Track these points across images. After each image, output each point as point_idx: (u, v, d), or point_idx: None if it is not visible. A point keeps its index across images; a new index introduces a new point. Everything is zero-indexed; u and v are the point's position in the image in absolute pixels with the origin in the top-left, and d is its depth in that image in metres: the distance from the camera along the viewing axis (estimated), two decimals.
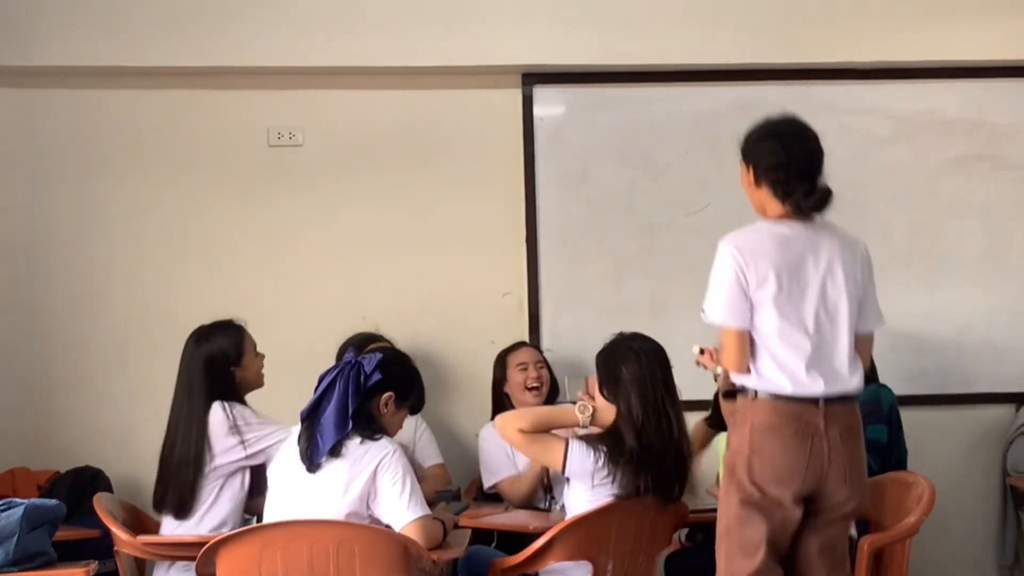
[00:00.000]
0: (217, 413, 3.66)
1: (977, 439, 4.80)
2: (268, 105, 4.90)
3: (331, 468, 3.18)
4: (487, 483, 4.37)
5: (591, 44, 4.78)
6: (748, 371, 3.08)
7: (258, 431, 3.67)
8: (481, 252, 4.89)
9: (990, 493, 4.79)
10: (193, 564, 3.17)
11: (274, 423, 3.70)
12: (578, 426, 3.50)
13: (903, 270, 4.82)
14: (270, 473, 3.34)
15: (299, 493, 3.21)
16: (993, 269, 4.88)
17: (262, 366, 3.86)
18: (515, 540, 3.72)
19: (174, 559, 3.58)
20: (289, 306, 4.83)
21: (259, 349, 3.87)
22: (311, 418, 3.24)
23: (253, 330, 3.85)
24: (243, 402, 3.76)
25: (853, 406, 3.11)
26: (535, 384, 4.42)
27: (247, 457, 3.66)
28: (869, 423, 3.51)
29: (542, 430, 3.48)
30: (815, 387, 3.04)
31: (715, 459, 4.12)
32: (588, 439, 3.45)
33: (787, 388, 3.04)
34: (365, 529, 3.13)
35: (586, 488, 3.42)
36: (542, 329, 4.85)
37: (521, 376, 4.44)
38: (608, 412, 3.50)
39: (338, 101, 4.91)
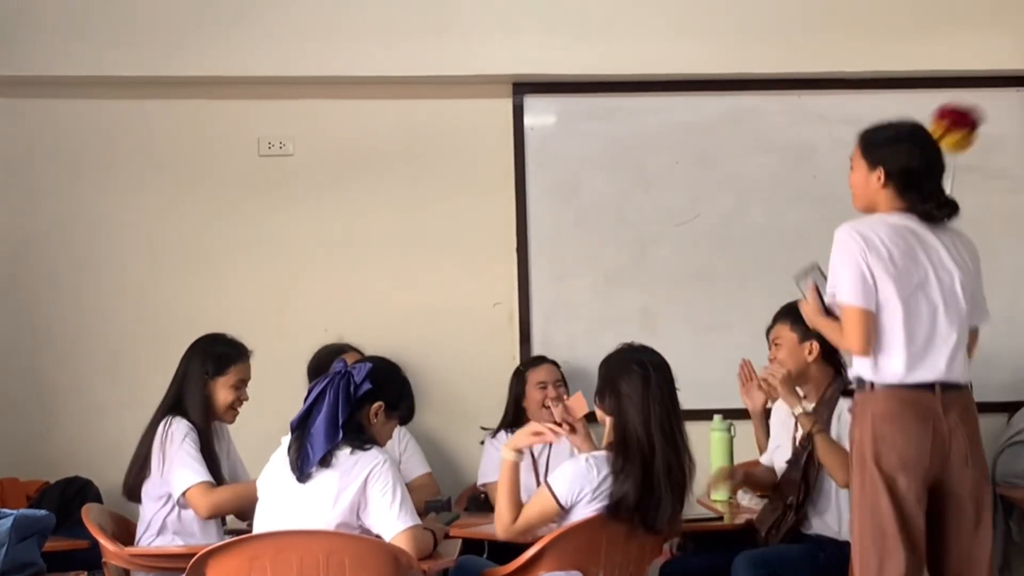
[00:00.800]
0: (159, 427, 3.66)
1: None
2: (259, 114, 4.90)
3: (321, 478, 3.17)
4: (479, 480, 4.50)
5: (582, 53, 4.79)
6: (869, 353, 3.10)
7: (171, 457, 3.61)
8: (472, 262, 4.89)
9: None
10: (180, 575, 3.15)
11: (193, 458, 3.61)
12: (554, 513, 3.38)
13: None
14: (259, 484, 3.32)
15: (289, 504, 3.19)
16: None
17: (237, 399, 3.75)
18: (506, 550, 3.70)
19: (162, 571, 3.57)
20: (279, 315, 4.83)
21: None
22: (301, 428, 3.23)
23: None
24: (200, 422, 3.68)
25: (968, 393, 3.16)
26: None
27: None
28: None
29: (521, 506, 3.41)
30: (930, 374, 3.08)
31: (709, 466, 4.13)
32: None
33: (903, 376, 3.07)
34: (355, 539, 3.12)
35: (583, 503, 3.38)
36: (532, 339, 4.85)
37: (540, 395, 4.46)
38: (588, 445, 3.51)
39: (329, 111, 4.91)
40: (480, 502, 4.46)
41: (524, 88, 4.89)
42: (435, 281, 4.88)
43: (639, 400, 3.37)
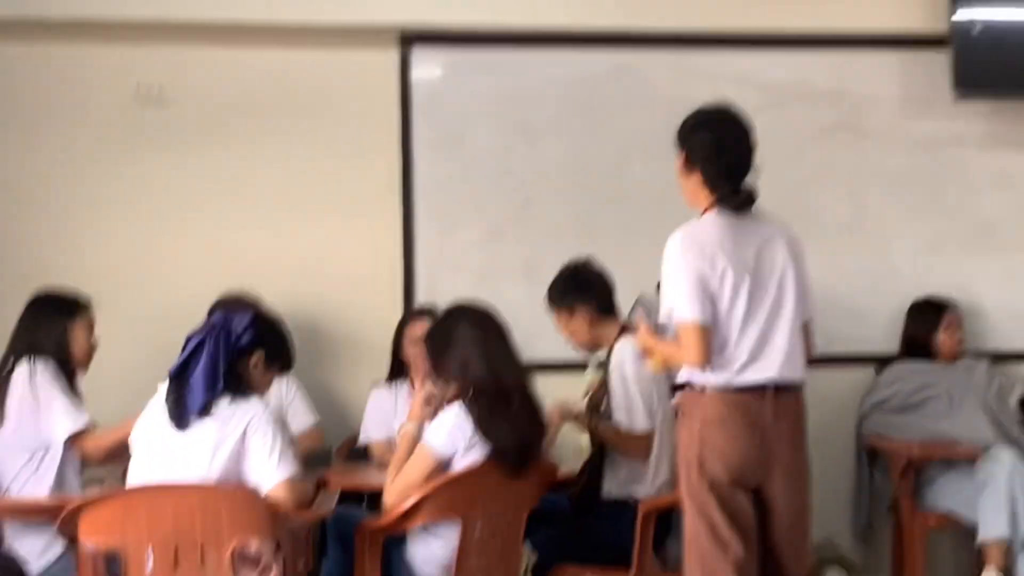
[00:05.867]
0: (19, 372, 3.58)
1: (836, 400, 4.91)
2: (133, 61, 4.76)
3: (200, 428, 3.15)
4: (361, 439, 4.47)
5: (470, 4, 4.76)
6: (708, 366, 3.03)
7: (46, 401, 3.56)
8: (356, 215, 4.86)
9: (846, 454, 4.91)
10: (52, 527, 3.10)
11: (71, 402, 3.57)
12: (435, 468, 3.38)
13: None
14: (134, 434, 3.27)
15: (167, 453, 3.16)
16: (855, 235, 5.02)
17: (91, 346, 3.73)
18: None
19: (33, 522, 3.49)
20: (156, 267, 4.73)
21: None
22: (179, 378, 3.19)
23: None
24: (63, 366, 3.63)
25: (800, 396, 3.13)
26: None
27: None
28: None
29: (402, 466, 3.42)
30: (763, 374, 3.04)
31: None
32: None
33: (734, 377, 3.03)
34: (230, 491, 3.11)
35: (460, 454, 3.40)
36: (416, 291, 4.84)
37: (415, 351, 4.34)
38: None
39: (206, 59, 4.79)
40: (360, 454, 4.46)
41: (411, 40, 4.85)
42: (318, 233, 4.83)
43: (475, 344, 3.41)
